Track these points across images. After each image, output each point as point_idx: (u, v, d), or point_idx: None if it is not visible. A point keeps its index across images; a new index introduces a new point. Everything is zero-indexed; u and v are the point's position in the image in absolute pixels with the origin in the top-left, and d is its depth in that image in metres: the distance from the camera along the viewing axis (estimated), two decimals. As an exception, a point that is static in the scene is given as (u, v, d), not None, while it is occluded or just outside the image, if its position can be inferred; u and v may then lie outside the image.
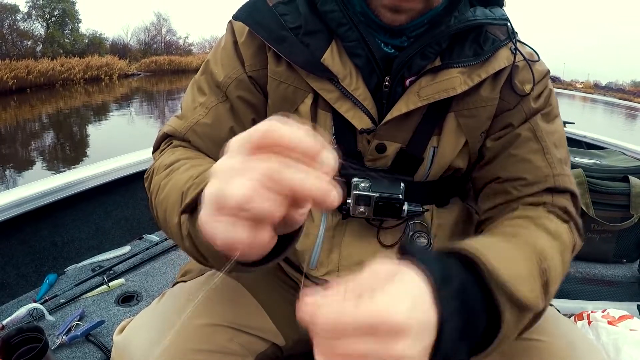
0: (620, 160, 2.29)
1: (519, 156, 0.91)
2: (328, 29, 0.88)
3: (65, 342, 1.52)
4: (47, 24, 41.76)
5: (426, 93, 0.86)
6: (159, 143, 1.01)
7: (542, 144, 0.90)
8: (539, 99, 0.92)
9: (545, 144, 0.90)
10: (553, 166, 0.89)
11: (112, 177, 2.19)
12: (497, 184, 0.93)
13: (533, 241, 0.75)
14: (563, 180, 0.89)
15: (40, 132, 17.37)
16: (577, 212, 0.90)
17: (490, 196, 0.95)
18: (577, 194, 0.90)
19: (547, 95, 0.93)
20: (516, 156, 0.91)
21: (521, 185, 0.90)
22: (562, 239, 0.80)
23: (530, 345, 0.81)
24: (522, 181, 0.90)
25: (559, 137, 0.92)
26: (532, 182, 0.89)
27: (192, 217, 0.64)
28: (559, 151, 0.91)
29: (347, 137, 0.92)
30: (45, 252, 2.01)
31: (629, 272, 2.12)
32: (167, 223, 0.75)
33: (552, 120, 0.93)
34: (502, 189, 0.92)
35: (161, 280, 1.99)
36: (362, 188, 0.90)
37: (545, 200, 0.88)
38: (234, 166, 0.46)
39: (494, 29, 0.90)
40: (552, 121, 0.93)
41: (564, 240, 0.81)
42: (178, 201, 0.70)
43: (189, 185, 0.68)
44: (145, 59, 47.86)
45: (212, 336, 0.85)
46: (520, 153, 0.90)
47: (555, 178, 0.88)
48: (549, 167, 0.88)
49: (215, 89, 0.96)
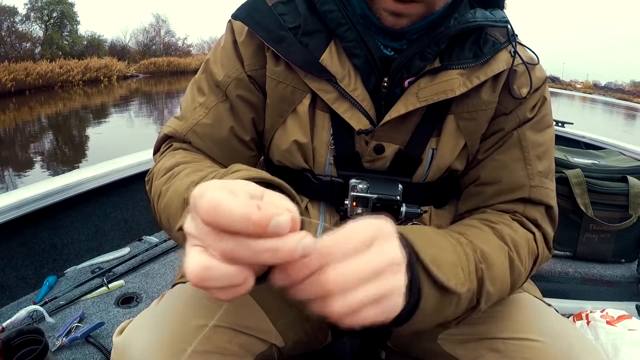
0: (619, 161, 2.29)
1: (500, 161, 0.93)
2: (327, 29, 0.89)
3: (65, 343, 1.52)
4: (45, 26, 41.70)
5: (425, 94, 0.86)
6: (159, 145, 1.01)
7: (524, 154, 0.92)
8: (534, 109, 0.93)
9: (528, 155, 0.91)
10: (531, 177, 0.91)
11: (111, 178, 2.19)
12: (474, 186, 0.96)
13: (476, 242, 0.79)
14: (539, 192, 0.91)
15: (39, 134, 17.33)
16: (552, 225, 0.94)
17: (467, 198, 0.98)
18: (553, 207, 0.94)
19: (541, 104, 0.94)
20: (497, 161, 0.93)
21: (496, 189, 0.93)
22: (517, 247, 0.84)
23: (529, 345, 0.82)
24: (497, 185, 0.92)
25: (544, 150, 0.94)
26: (506, 189, 0.92)
27: None
28: (542, 164, 0.93)
29: (345, 137, 0.92)
30: (44, 254, 2.01)
31: (628, 272, 2.12)
32: (172, 229, 0.75)
33: (542, 130, 0.94)
34: (478, 191, 0.95)
35: (160, 281, 2.00)
36: (360, 189, 0.90)
37: (516, 209, 0.91)
38: (194, 234, 0.45)
39: (494, 31, 0.90)
40: (542, 132, 0.94)
41: (519, 247, 0.84)
42: (179, 209, 0.71)
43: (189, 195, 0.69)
44: (144, 60, 47.73)
45: (212, 337, 0.85)
46: (502, 158, 0.93)
47: (531, 189, 0.91)
48: (527, 178, 0.91)
49: (214, 88, 0.96)
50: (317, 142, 0.93)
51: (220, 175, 0.71)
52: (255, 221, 0.41)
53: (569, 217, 2.12)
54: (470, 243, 0.78)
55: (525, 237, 0.87)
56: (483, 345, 0.87)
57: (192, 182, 0.71)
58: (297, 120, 0.93)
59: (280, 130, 0.95)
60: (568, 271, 2.12)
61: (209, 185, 0.45)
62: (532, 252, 0.88)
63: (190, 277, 0.42)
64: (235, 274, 0.43)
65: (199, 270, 0.42)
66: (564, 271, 2.12)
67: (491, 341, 0.86)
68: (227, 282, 0.43)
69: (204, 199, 0.42)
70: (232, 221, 0.41)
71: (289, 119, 0.94)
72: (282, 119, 0.94)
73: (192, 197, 0.44)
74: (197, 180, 0.71)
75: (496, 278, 0.78)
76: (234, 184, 0.47)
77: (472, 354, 0.89)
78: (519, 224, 0.90)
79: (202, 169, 0.80)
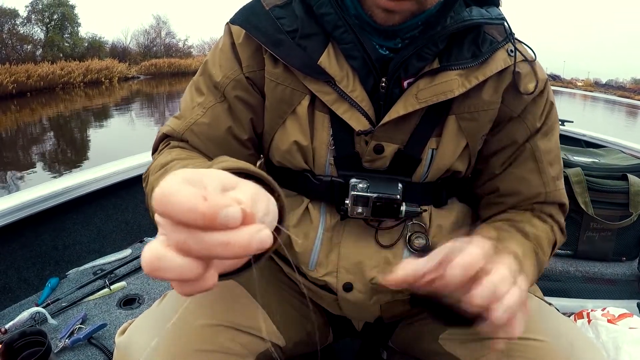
0: (619, 159, 2.29)
1: (517, 174, 0.99)
2: (324, 32, 0.89)
3: (68, 345, 1.52)
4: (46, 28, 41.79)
5: (424, 95, 0.86)
6: (158, 144, 1.02)
7: (539, 165, 0.98)
8: (542, 116, 0.97)
9: (542, 165, 0.98)
10: (547, 184, 0.98)
11: (113, 180, 2.20)
12: (495, 196, 1.02)
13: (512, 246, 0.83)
14: (554, 195, 0.99)
15: (41, 135, 17.38)
16: (564, 216, 1.04)
17: (489, 206, 1.05)
18: (565, 204, 1.03)
19: (549, 109, 0.98)
20: (514, 174, 0.99)
21: (515, 200, 1.00)
22: (539, 240, 0.92)
23: (529, 344, 0.82)
24: (518, 196, 1.00)
25: (554, 156, 1.00)
26: (526, 197, 0.99)
27: None
28: (553, 168, 0.99)
29: (345, 138, 0.92)
30: (46, 256, 2.02)
31: (629, 270, 2.12)
32: None
33: (550, 135, 0.99)
34: (499, 201, 1.02)
35: (162, 282, 1.99)
36: (360, 189, 0.91)
37: (534, 207, 0.99)
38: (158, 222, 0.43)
39: (491, 30, 0.90)
40: (550, 137, 0.99)
41: (541, 240, 0.92)
42: None
43: None
44: (145, 61, 47.89)
45: (213, 336, 0.85)
46: (518, 172, 0.99)
47: (547, 194, 0.99)
48: (543, 186, 0.99)
49: (213, 89, 0.97)
50: (317, 143, 0.94)
51: (207, 167, 0.71)
52: (202, 212, 0.39)
53: (569, 216, 2.09)
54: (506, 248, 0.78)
55: (545, 231, 0.95)
56: (484, 345, 0.88)
57: None
58: (297, 121, 0.93)
59: (280, 131, 0.96)
60: (569, 270, 2.13)
61: (172, 175, 0.43)
62: (551, 242, 0.96)
63: (142, 265, 0.41)
64: (186, 266, 0.41)
65: (150, 258, 0.41)
66: (565, 270, 2.13)
67: (492, 341, 0.87)
68: (177, 274, 0.41)
69: (157, 188, 0.40)
70: (179, 212, 0.39)
71: (289, 120, 0.94)
72: (281, 120, 0.95)
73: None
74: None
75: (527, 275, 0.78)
76: (206, 173, 0.46)
77: (473, 353, 0.89)
78: (539, 219, 0.98)
79: (195, 165, 0.80)
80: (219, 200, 0.40)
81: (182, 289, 0.44)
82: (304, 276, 1.04)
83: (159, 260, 0.41)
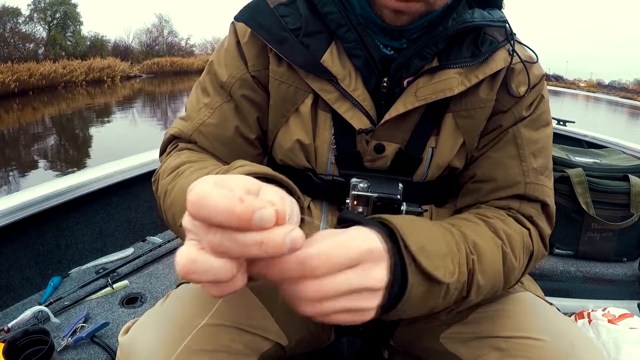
0: (621, 159, 2.29)
1: (495, 159, 0.94)
2: (328, 31, 0.90)
3: (71, 344, 1.53)
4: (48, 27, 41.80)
5: (423, 93, 0.87)
6: (165, 146, 1.02)
7: (519, 151, 0.92)
8: (530, 106, 0.94)
9: (523, 152, 0.92)
10: (527, 174, 0.92)
11: (115, 179, 2.20)
12: (471, 183, 0.97)
13: (468, 233, 0.79)
14: (534, 188, 0.91)
15: (43, 134, 17.38)
16: (549, 222, 0.94)
17: (465, 194, 0.99)
18: (549, 205, 0.93)
19: (538, 102, 0.95)
20: (493, 158, 0.94)
21: (491, 187, 0.94)
22: (511, 241, 0.84)
23: (530, 344, 0.82)
24: (492, 183, 0.93)
25: (540, 147, 0.94)
26: (501, 186, 0.92)
27: None
28: (537, 161, 0.93)
29: (346, 137, 0.93)
30: (49, 255, 2.02)
31: (630, 270, 2.13)
32: (178, 227, 0.76)
33: (538, 128, 0.95)
34: (474, 188, 0.96)
35: (165, 281, 2.00)
36: (360, 188, 0.91)
37: (511, 205, 0.92)
38: (188, 227, 0.46)
39: (492, 31, 0.91)
40: (538, 129, 0.95)
41: (513, 242, 0.84)
42: (184, 206, 0.72)
43: None
44: (147, 60, 47.84)
45: (216, 336, 0.85)
46: (497, 156, 0.94)
47: (526, 185, 0.91)
48: (522, 175, 0.92)
49: (219, 89, 0.97)
50: (319, 142, 0.94)
51: (223, 171, 0.72)
52: (238, 214, 0.41)
53: (570, 216, 2.12)
54: (462, 234, 0.78)
55: (520, 232, 0.87)
56: (485, 344, 0.88)
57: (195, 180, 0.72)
58: (300, 120, 0.94)
59: (283, 129, 0.96)
60: (570, 270, 2.13)
61: (202, 180, 0.46)
62: (527, 248, 0.88)
63: (177, 269, 0.43)
64: (221, 267, 0.43)
65: (185, 261, 0.43)
66: (566, 270, 2.13)
67: (493, 340, 0.87)
68: (212, 275, 0.43)
69: (192, 192, 0.43)
70: (215, 214, 0.42)
71: (292, 118, 0.94)
72: (284, 118, 0.95)
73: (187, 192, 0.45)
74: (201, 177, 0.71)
75: (487, 270, 0.78)
76: (230, 178, 0.48)
77: (474, 352, 0.90)
78: (514, 219, 0.90)
79: (206, 167, 0.81)
80: (254, 202, 0.42)
81: (214, 290, 0.46)
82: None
83: (194, 263, 0.43)
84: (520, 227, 0.89)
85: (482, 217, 0.88)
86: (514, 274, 0.85)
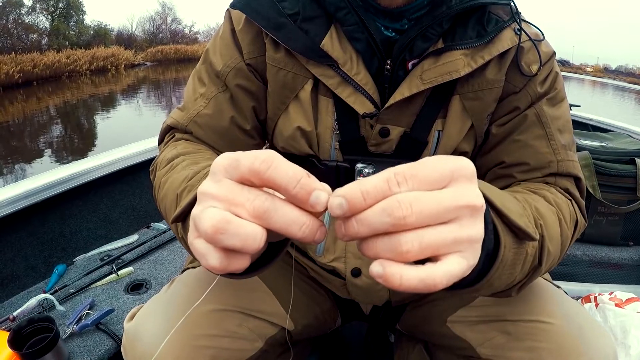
0: (627, 143, 2.28)
1: (523, 141, 0.91)
2: (327, 14, 0.88)
3: (76, 331, 1.53)
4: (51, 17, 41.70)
5: (429, 76, 0.85)
6: (163, 135, 1.02)
7: (546, 130, 0.89)
8: (544, 82, 0.91)
9: (550, 130, 0.89)
10: (557, 152, 0.89)
11: (118, 166, 2.20)
12: (500, 169, 0.94)
13: (530, 200, 0.75)
14: (566, 165, 0.89)
15: (47, 124, 17.41)
16: (582, 196, 0.91)
17: (494, 181, 0.95)
18: (581, 178, 0.91)
19: (553, 78, 0.92)
20: (520, 141, 0.91)
21: (524, 170, 0.90)
22: (561, 208, 0.80)
23: (538, 327, 0.82)
24: (525, 166, 0.90)
25: (563, 122, 0.92)
26: (535, 168, 0.89)
27: (184, 223, 0.64)
28: (564, 137, 0.90)
29: (349, 122, 0.92)
30: (53, 243, 2.03)
31: (636, 255, 2.12)
32: (168, 219, 0.75)
33: (557, 104, 0.92)
34: (506, 174, 0.93)
35: (169, 267, 2.01)
36: (366, 173, 0.90)
37: (548, 181, 0.89)
38: (217, 194, 0.45)
39: (497, 9, 0.89)
40: (558, 105, 0.92)
41: (563, 209, 0.81)
42: (173, 203, 0.71)
43: (182, 189, 0.70)
44: (151, 48, 47.78)
45: (222, 321, 0.85)
46: (524, 138, 0.90)
47: (558, 164, 0.89)
48: (553, 154, 0.89)
49: (214, 78, 0.96)
50: (321, 128, 0.93)
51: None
52: (302, 184, 0.43)
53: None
54: (525, 200, 0.73)
55: (566, 202, 0.84)
56: (492, 327, 0.88)
57: (185, 178, 0.71)
58: (300, 107, 0.92)
59: (283, 117, 0.95)
60: (576, 254, 2.12)
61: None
62: (573, 218, 0.84)
63: (206, 226, 0.43)
64: (252, 232, 0.43)
65: (220, 219, 0.43)
66: (572, 254, 2.12)
67: (501, 323, 0.86)
68: (240, 240, 0.42)
69: (263, 154, 0.44)
70: (283, 176, 0.43)
71: (291, 105, 0.93)
72: (284, 105, 0.94)
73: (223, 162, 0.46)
74: (191, 175, 0.71)
75: (554, 236, 0.73)
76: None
77: (481, 336, 0.89)
78: (557, 191, 0.87)
79: (199, 162, 0.80)
80: (316, 181, 0.44)
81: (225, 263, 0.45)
82: (312, 261, 1.03)
83: (229, 223, 0.43)
84: (563, 196, 0.86)
85: (529, 189, 0.85)
86: (567, 243, 0.81)
